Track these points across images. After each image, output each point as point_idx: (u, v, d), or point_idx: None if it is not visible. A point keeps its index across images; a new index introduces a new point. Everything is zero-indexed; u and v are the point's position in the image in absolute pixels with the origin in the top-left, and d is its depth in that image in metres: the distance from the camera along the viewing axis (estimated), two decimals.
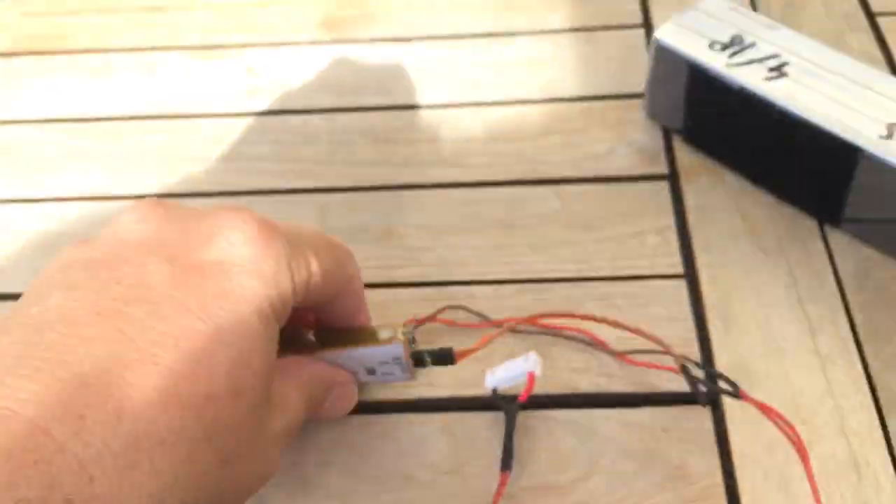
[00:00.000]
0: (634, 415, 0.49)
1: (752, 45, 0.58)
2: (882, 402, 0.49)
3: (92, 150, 0.66)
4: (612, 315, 0.53)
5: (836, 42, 0.68)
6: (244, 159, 0.65)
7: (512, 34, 0.73)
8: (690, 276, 0.56)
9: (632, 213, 0.59)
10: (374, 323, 0.49)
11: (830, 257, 0.56)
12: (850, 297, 0.54)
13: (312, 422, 0.50)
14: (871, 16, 0.72)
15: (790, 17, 0.72)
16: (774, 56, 0.57)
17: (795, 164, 0.57)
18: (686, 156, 0.62)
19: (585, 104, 0.67)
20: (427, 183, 0.62)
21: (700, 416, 0.49)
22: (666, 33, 0.59)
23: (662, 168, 0.62)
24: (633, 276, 0.56)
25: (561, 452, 0.48)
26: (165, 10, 0.78)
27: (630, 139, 0.64)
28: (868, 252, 0.56)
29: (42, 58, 0.75)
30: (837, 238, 0.57)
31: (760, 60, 0.57)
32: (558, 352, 0.52)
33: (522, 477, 0.47)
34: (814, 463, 0.46)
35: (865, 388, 0.50)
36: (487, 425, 0.50)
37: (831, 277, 0.55)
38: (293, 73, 0.71)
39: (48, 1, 0.80)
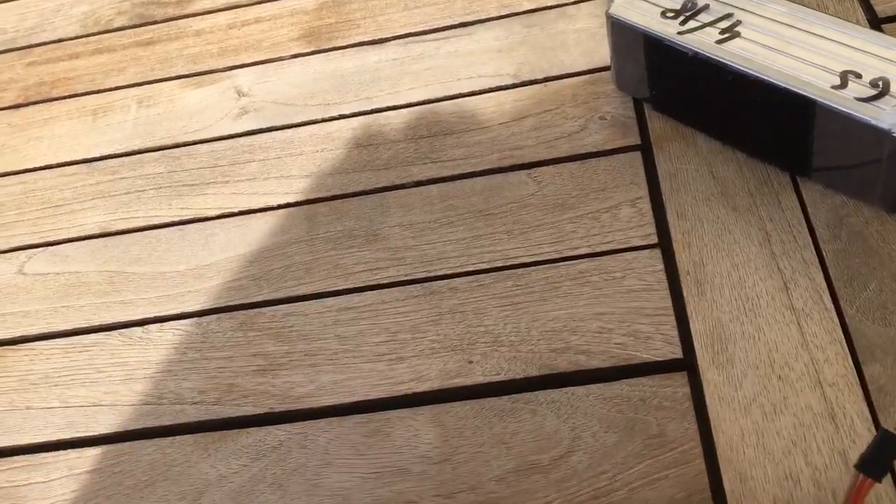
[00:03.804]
0: (613, 388, 0.51)
1: (706, 7, 0.58)
2: (858, 350, 0.49)
3: (99, 189, 0.70)
4: (587, 292, 0.55)
5: None
6: (237, 181, 0.68)
7: (484, 21, 0.74)
8: (665, 244, 0.56)
9: (606, 187, 0.60)
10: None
11: (804, 209, 0.56)
12: (824, 247, 0.54)
13: (312, 425, 0.53)
14: None
15: None
16: (727, 16, 0.57)
17: (759, 121, 0.57)
18: (658, 124, 0.63)
19: (557, 83, 0.68)
20: (408, 182, 0.65)
21: (677, 384, 0.50)
22: (619, 7, 0.60)
23: (635, 139, 0.63)
24: (608, 251, 0.57)
25: (544, 432, 0.50)
26: (155, 43, 0.82)
27: (602, 113, 0.65)
28: (840, 199, 0.56)
29: (48, 105, 0.79)
30: (810, 188, 0.57)
31: (713, 23, 0.57)
32: (537, 333, 0.54)
33: (508, 458, 0.49)
34: (790, 417, 0.47)
35: (841, 338, 0.50)
36: (474, 413, 0.52)
37: (804, 229, 0.55)
38: (279, 89, 0.74)
39: (50, 48, 0.84)
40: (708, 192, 0.58)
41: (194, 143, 0.72)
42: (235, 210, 0.66)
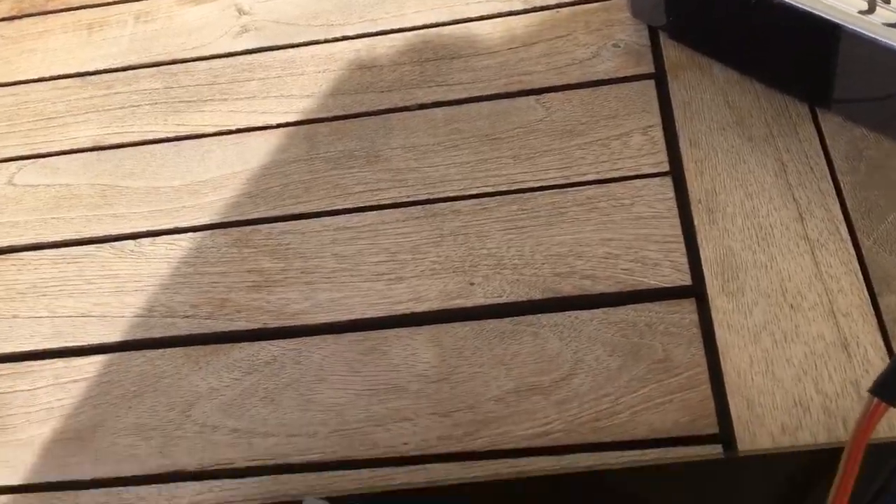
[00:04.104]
0: (618, 313, 0.49)
1: None
2: (874, 281, 0.48)
3: (93, 103, 0.68)
4: (595, 217, 0.53)
5: None
6: (236, 99, 0.66)
7: None
8: (676, 171, 0.55)
9: (617, 115, 0.59)
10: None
11: (822, 140, 0.54)
12: (841, 178, 0.52)
13: (307, 341, 0.52)
14: None
15: None
16: None
17: (781, 48, 0.55)
18: (673, 52, 0.61)
19: (569, 10, 0.66)
20: (412, 105, 0.63)
21: (684, 310, 0.49)
22: None
23: (648, 67, 0.61)
24: (617, 178, 0.55)
25: (546, 354, 0.49)
26: None
27: (615, 40, 0.63)
28: (860, 132, 0.54)
29: (43, 18, 0.76)
30: (829, 120, 0.55)
31: None
32: (542, 257, 0.52)
33: (508, 379, 0.48)
34: (801, 346, 0.46)
35: (857, 268, 0.49)
36: (474, 334, 0.50)
37: (822, 161, 0.53)
38: (281, 8, 0.72)
39: None
40: (723, 122, 0.56)
41: (192, 59, 0.70)
42: (233, 128, 0.64)
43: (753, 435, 0.44)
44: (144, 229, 0.59)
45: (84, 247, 0.59)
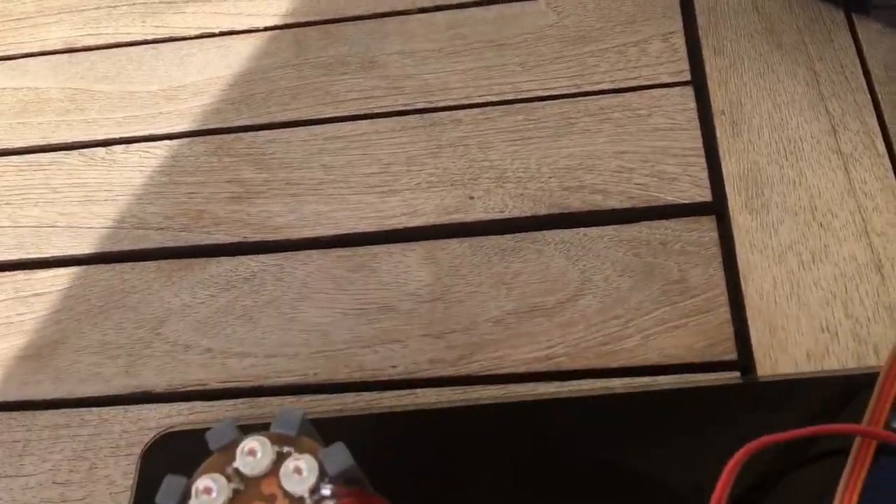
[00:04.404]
0: (631, 230, 0.45)
1: None
2: None
3: (66, 3, 0.63)
4: (607, 129, 0.49)
5: None
6: (219, 0, 0.61)
7: None
8: (698, 81, 0.50)
9: (635, 20, 0.54)
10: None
11: (858, 49, 0.49)
12: (879, 89, 0.47)
13: (291, 256, 0.47)
14: None
15: None
16: None
17: None
18: None
19: None
20: (411, 8, 0.57)
21: (703, 227, 0.45)
22: None
23: None
24: (633, 87, 0.51)
25: (550, 273, 0.44)
26: None
27: None
28: None
29: None
30: (867, 27, 0.50)
31: None
32: (549, 170, 0.48)
33: (508, 300, 0.44)
34: (830, 267, 0.42)
35: (893, 185, 0.44)
36: (472, 251, 0.46)
37: (859, 70, 0.48)
38: None
39: None
40: (751, 28, 0.51)
41: None
42: (216, 31, 0.59)
43: (775, 362, 0.40)
44: (117, 136, 0.55)
45: (51, 153, 0.55)
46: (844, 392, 0.36)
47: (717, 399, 0.37)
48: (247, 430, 0.31)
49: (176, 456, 0.37)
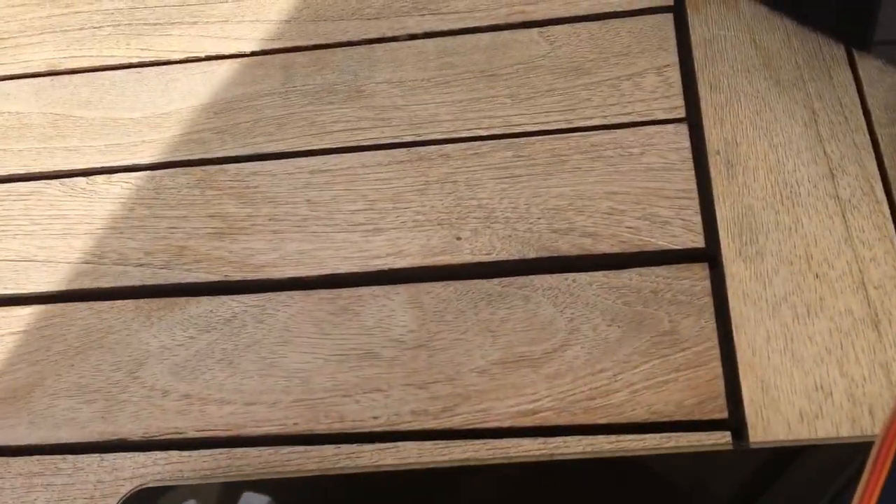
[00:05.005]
0: (621, 277, 0.44)
1: None
2: None
3: (50, 23, 0.62)
4: (599, 167, 0.47)
5: None
6: (206, 23, 0.60)
7: None
8: (693, 119, 0.49)
9: (629, 52, 0.52)
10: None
11: (859, 87, 0.48)
12: (879, 131, 0.46)
13: (272, 297, 0.46)
14: None
15: None
16: None
17: None
18: None
19: None
20: (401, 35, 0.56)
21: (695, 276, 0.43)
22: None
23: None
24: (626, 124, 0.49)
25: (538, 321, 0.43)
26: None
27: None
28: None
29: None
30: (868, 64, 0.48)
31: None
32: (538, 210, 0.47)
33: (494, 348, 0.43)
34: (825, 322, 0.40)
35: (892, 234, 0.43)
36: (458, 295, 0.45)
37: (858, 110, 0.47)
38: None
39: None
40: (748, 63, 0.50)
41: None
42: (202, 55, 0.58)
43: (767, 421, 0.38)
44: (99, 165, 0.54)
45: (31, 182, 0.53)
46: (838, 463, 0.35)
47: (706, 465, 0.36)
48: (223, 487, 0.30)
49: None
